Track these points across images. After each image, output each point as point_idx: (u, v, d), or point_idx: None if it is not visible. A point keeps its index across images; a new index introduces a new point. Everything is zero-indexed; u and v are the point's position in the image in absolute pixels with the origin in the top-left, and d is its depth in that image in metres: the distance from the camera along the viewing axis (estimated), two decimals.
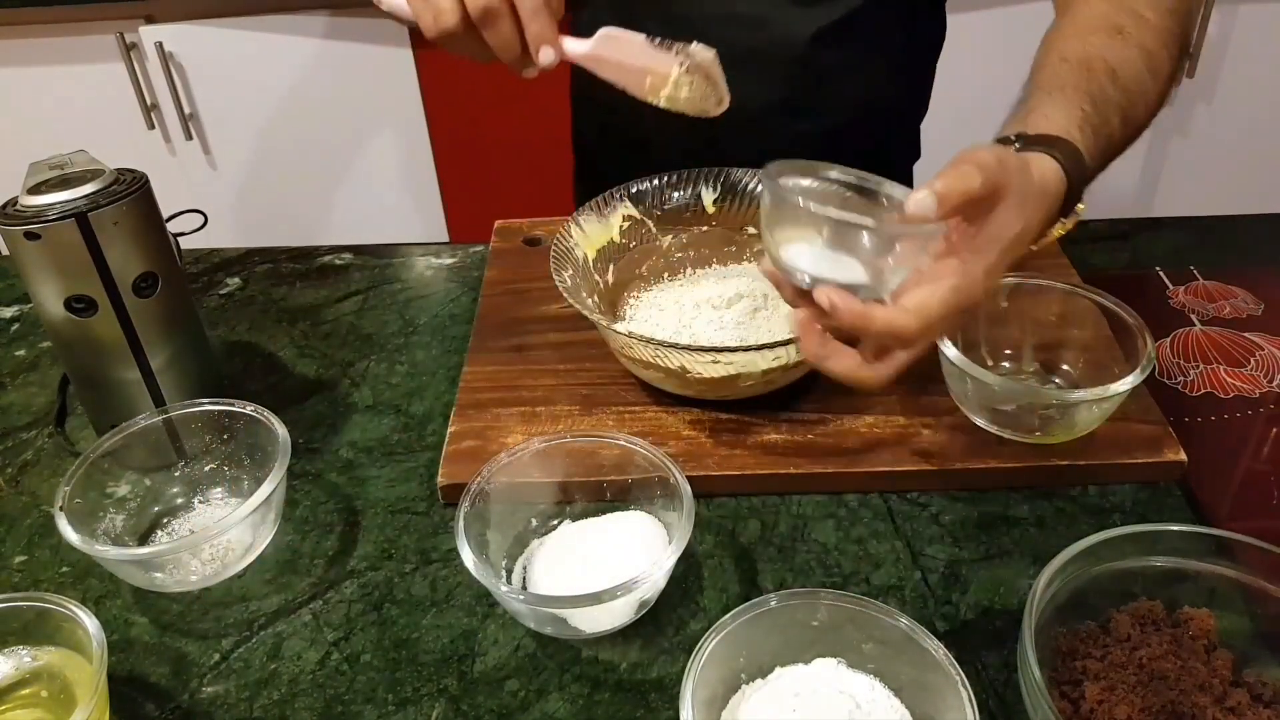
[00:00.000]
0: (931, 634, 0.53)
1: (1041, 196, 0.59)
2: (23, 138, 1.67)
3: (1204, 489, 0.69)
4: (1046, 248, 0.91)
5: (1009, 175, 0.56)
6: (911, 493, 0.70)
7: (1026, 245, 0.58)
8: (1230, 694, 0.53)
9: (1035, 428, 0.70)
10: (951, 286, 0.55)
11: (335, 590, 0.66)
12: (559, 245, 0.79)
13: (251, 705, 0.59)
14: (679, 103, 0.68)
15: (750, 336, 0.76)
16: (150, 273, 0.73)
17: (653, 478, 0.65)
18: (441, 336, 0.89)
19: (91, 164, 0.72)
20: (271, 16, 1.64)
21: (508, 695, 0.59)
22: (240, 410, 0.71)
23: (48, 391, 0.85)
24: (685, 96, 0.67)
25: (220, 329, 0.92)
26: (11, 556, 0.70)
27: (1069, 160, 0.61)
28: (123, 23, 1.63)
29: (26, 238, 0.68)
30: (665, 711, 0.57)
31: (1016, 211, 0.56)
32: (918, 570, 0.65)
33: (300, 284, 0.98)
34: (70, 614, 0.56)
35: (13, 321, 0.96)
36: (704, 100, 0.68)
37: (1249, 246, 0.95)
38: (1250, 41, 1.68)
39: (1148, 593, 0.58)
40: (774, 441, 0.72)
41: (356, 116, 1.77)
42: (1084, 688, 0.54)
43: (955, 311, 0.56)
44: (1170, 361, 0.80)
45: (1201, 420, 0.75)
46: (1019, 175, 0.57)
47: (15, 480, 0.77)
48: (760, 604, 0.55)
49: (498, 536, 0.65)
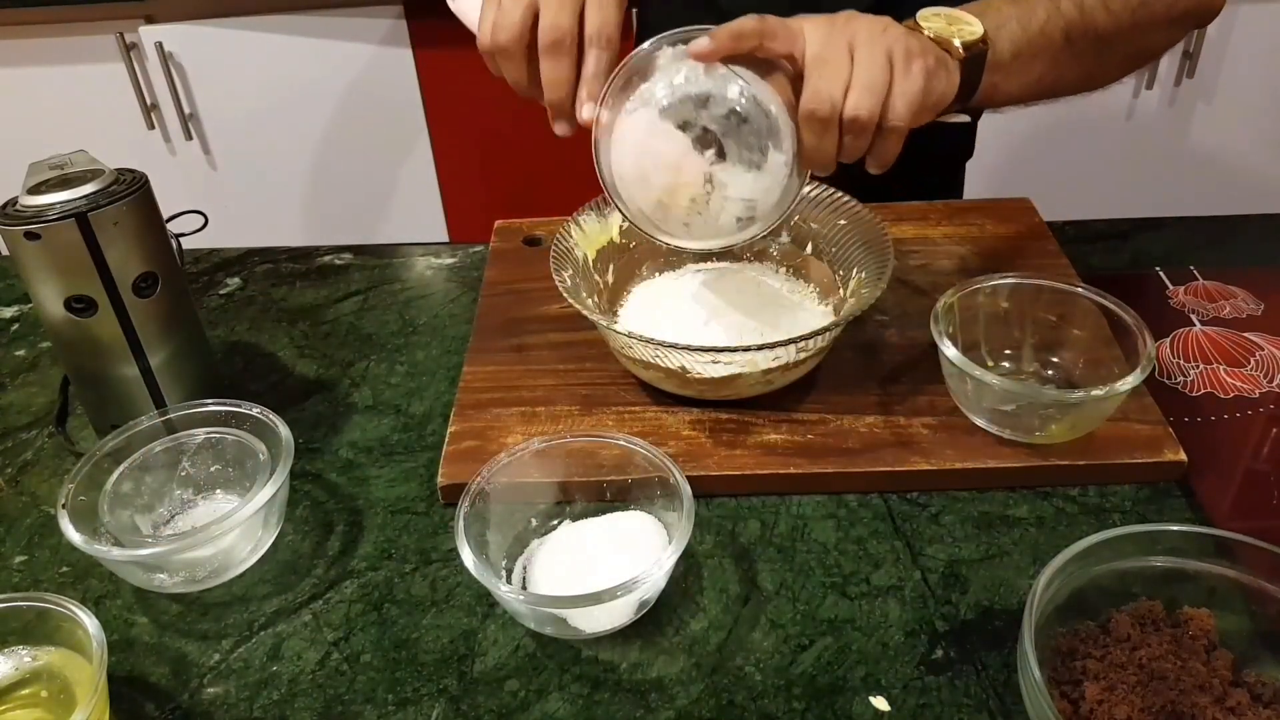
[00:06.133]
0: None
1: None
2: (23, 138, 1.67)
3: (1204, 489, 0.69)
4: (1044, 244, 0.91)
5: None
6: (911, 493, 0.70)
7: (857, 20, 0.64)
8: (1230, 694, 0.53)
9: (1035, 428, 0.70)
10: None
11: (335, 590, 0.66)
12: (559, 245, 0.79)
13: (251, 705, 0.59)
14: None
15: (750, 336, 0.76)
16: (150, 273, 0.73)
17: (653, 478, 0.65)
18: (441, 336, 0.89)
19: (91, 164, 0.72)
20: (271, 16, 1.65)
21: (508, 695, 0.59)
22: (243, 410, 0.71)
23: (48, 391, 0.85)
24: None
25: (220, 329, 0.92)
26: (11, 556, 0.70)
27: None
28: (123, 23, 1.63)
29: (26, 238, 0.68)
30: (665, 711, 0.57)
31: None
32: (918, 570, 0.65)
33: (300, 284, 0.99)
34: (70, 614, 0.56)
35: (13, 321, 0.96)
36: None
37: (1249, 246, 0.95)
38: (1250, 41, 1.68)
39: (1148, 593, 0.58)
40: (774, 441, 0.72)
41: (356, 116, 1.77)
42: (1084, 688, 0.54)
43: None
44: (1170, 361, 0.80)
45: (1201, 420, 0.75)
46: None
47: (15, 480, 0.77)
48: None
49: (498, 536, 0.65)
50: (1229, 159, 1.81)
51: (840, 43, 0.63)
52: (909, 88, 0.63)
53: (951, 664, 0.59)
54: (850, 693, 0.58)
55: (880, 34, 0.63)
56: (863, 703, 0.57)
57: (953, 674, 0.58)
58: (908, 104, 0.63)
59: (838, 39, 0.63)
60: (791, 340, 0.69)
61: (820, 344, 0.73)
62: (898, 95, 0.63)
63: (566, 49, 0.65)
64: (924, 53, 0.64)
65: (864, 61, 0.62)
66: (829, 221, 0.84)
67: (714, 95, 0.64)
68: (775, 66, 0.65)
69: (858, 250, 0.80)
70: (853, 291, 0.79)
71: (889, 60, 0.63)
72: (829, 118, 0.62)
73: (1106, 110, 1.75)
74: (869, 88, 0.62)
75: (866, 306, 0.72)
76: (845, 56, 0.62)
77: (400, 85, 1.73)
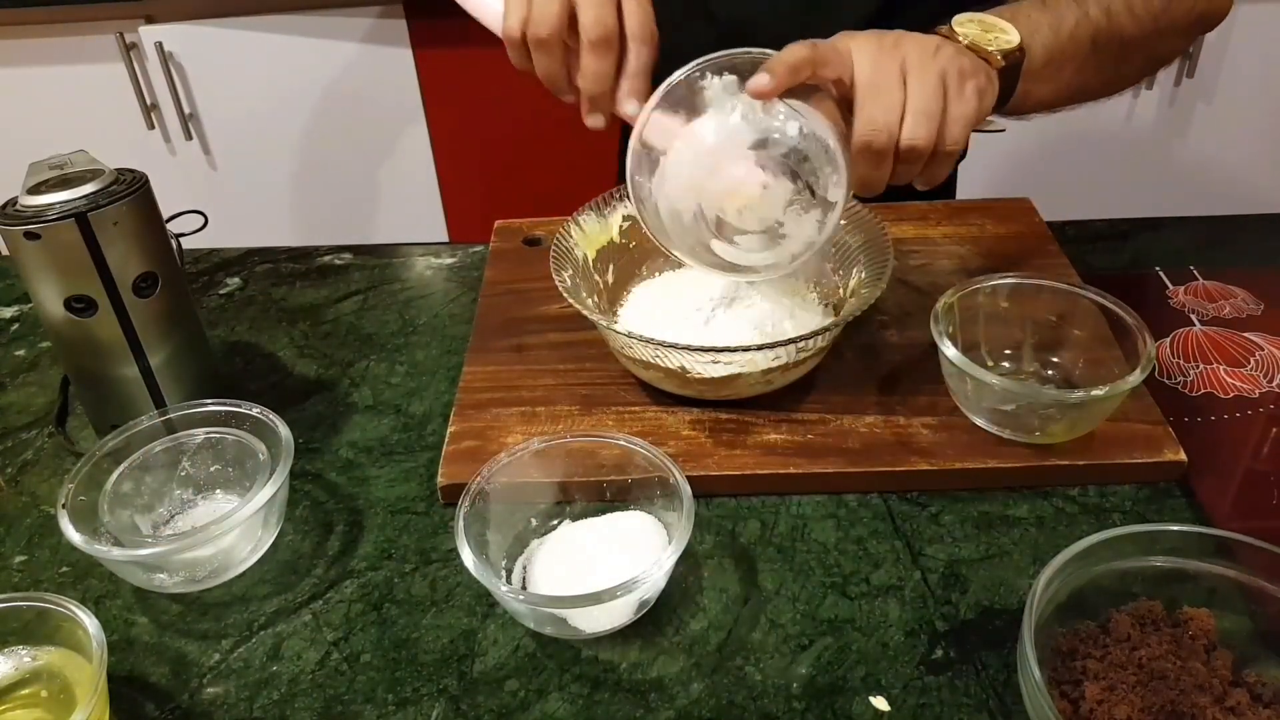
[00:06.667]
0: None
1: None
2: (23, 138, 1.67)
3: (1204, 489, 0.69)
4: (1044, 244, 0.91)
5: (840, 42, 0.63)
6: (911, 493, 0.70)
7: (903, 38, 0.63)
8: (1230, 694, 0.53)
9: (1035, 428, 0.70)
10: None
11: (335, 590, 0.66)
12: (559, 245, 0.79)
13: (251, 705, 0.59)
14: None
15: (750, 336, 0.76)
16: (150, 273, 0.73)
17: (653, 478, 0.65)
18: (441, 336, 0.89)
19: (91, 164, 0.72)
20: (271, 16, 1.65)
21: (508, 695, 0.59)
22: (243, 410, 0.71)
23: (48, 391, 0.85)
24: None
25: (220, 329, 0.92)
26: (11, 556, 0.70)
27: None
28: (123, 23, 1.63)
29: (26, 238, 0.68)
30: (665, 711, 0.57)
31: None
32: (918, 570, 0.65)
33: (300, 284, 0.98)
34: (70, 614, 0.56)
35: (13, 321, 0.96)
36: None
37: (1249, 246, 0.95)
38: (1250, 41, 1.68)
39: (1148, 593, 0.58)
40: (774, 441, 0.72)
41: (356, 116, 1.77)
42: (1084, 688, 0.54)
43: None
44: (1170, 361, 0.80)
45: (1201, 420, 0.75)
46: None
47: (15, 480, 0.77)
48: None
49: (498, 536, 0.65)
50: (1229, 159, 1.81)
51: (892, 68, 0.61)
52: (964, 110, 0.62)
53: (951, 664, 0.59)
54: (850, 693, 0.58)
55: (931, 56, 0.62)
56: (863, 703, 0.57)
57: (953, 674, 0.58)
58: (963, 127, 0.62)
59: (889, 64, 0.61)
60: (791, 340, 0.69)
61: (820, 344, 0.73)
62: (953, 120, 0.62)
63: (613, 44, 0.66)
64: (975, 72, 0.64)
65: (917, 87, 0.61)
66: None
67: (774, 136, 0.64)
68: (824, 93, 0.64)
69: (858, 250, 0.80)
70: (853, 291, 0.79)
71: (942, 83, 0.61)
72: (885, 148, 0.61)
73: (1106, 111, 1.75)
74: (925, 114, 0.61)
75: (866, 306, 0.72)
76: (898, 82, 0.61)
77: (400, 85, 1.73)
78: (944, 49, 0.63)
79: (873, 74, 0.61)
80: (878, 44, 0.63)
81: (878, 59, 0.62)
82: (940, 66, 0.62)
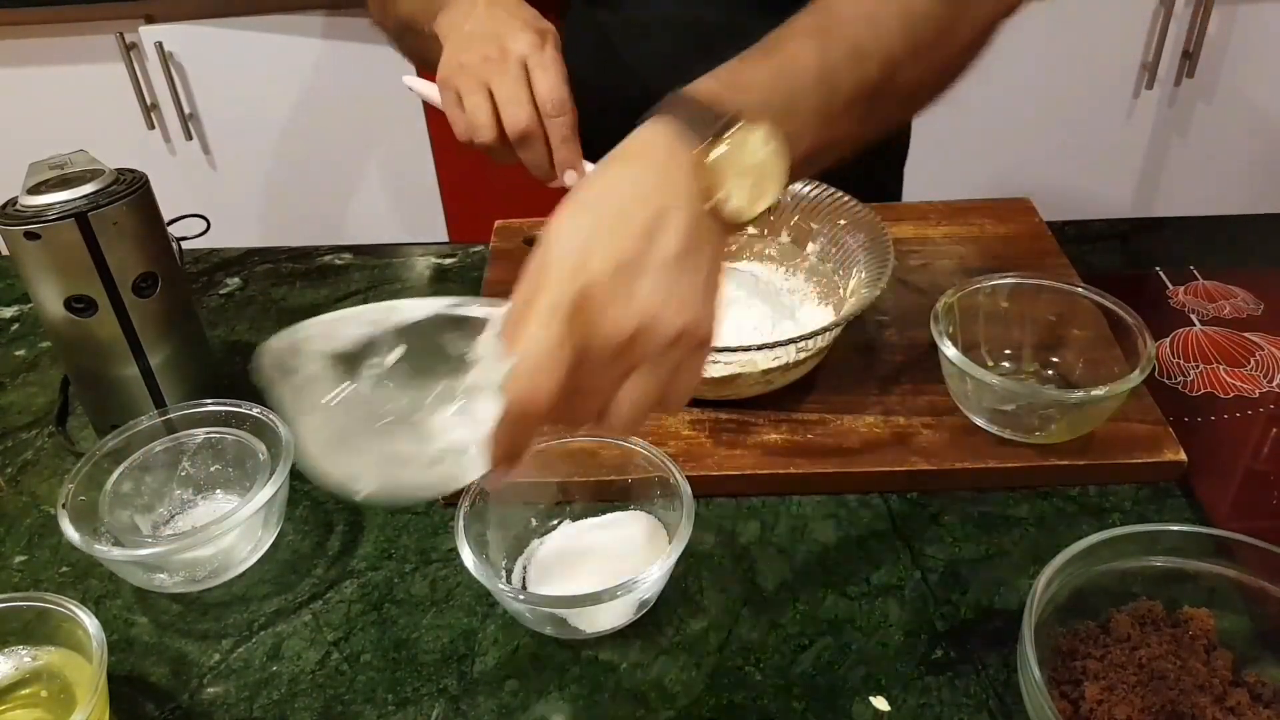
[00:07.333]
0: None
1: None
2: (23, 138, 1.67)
3: (1204, 489, 0.69)
4: (1044, 244, 0.91)
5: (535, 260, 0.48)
6: (911, 493, 0.70)
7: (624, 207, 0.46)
8: (1230, 694, 0.53)
9: (1035, 428, 0.70)
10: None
11: (335, 590, 0.66)
12: None
13: (251, 705, 0.59)
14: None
15: (750, 336, 0.76)
16: (150, 273, 0.73)
17: (653, 478, 0.65)
18: None
19: (91, 164, 0.72)
20: (271, 16, 1.64)
21: (508, 695, 0.59)
22: (243, 410, 0.71)
23: (48, 391, 0.85)
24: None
25: (220, 329, 0.92)
26: (11, 556, 0.70)
27: (681, 110, 0.49)
28: (123, 23, 1.63)
29: (26, 238, 0.68)
30: (665, 711, 0.57)
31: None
32: (918, 570, 0.65)
33: (300, 284, 0.98)
34: (70, 614, 0.56)
35: (13, 321, 0.96)
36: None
37: (1249, 246, 0.95)
38: (1250, 41, 1.68)
39: (1148, 593, 0.58)
40: (774, 441, 0.72)
41: (356, 116, 1.77)
42: (1084, 688, 0.54)
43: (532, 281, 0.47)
44: (1170, 361, 0.80)
45: (1201, 420, 0.75)
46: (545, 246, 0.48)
47: (15, 480, 0.77)
48: None
49: (498, 536, 0.65)
50: (1229, 159, 1.81)
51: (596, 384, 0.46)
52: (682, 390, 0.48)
53: (951, 664, 0.59)
54: (850, 693, 0.58)
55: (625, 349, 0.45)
56: (863, 703, 0.57)
57: (953, 674, 0.58)
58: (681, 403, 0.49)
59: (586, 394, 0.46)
60: (791, 340, 0.69)
61: (820, 344, 0.73)
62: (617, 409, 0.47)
63: (534, 134, 0.70)
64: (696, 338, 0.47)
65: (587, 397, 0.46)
66: (829, 221, 0.84)
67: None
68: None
69: (858, 250, 0.80)
70: (853, 291, 0.79)
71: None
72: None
73: (1106, 110, 1.75)
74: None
75: (866, 306, 0.72)
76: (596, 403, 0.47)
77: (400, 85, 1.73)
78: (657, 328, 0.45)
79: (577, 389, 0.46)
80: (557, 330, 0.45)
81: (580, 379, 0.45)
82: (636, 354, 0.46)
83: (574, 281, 0.44)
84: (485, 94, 0.71)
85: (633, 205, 0.46)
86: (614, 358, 0.45)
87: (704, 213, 0.47)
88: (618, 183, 0.47)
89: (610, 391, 0.46)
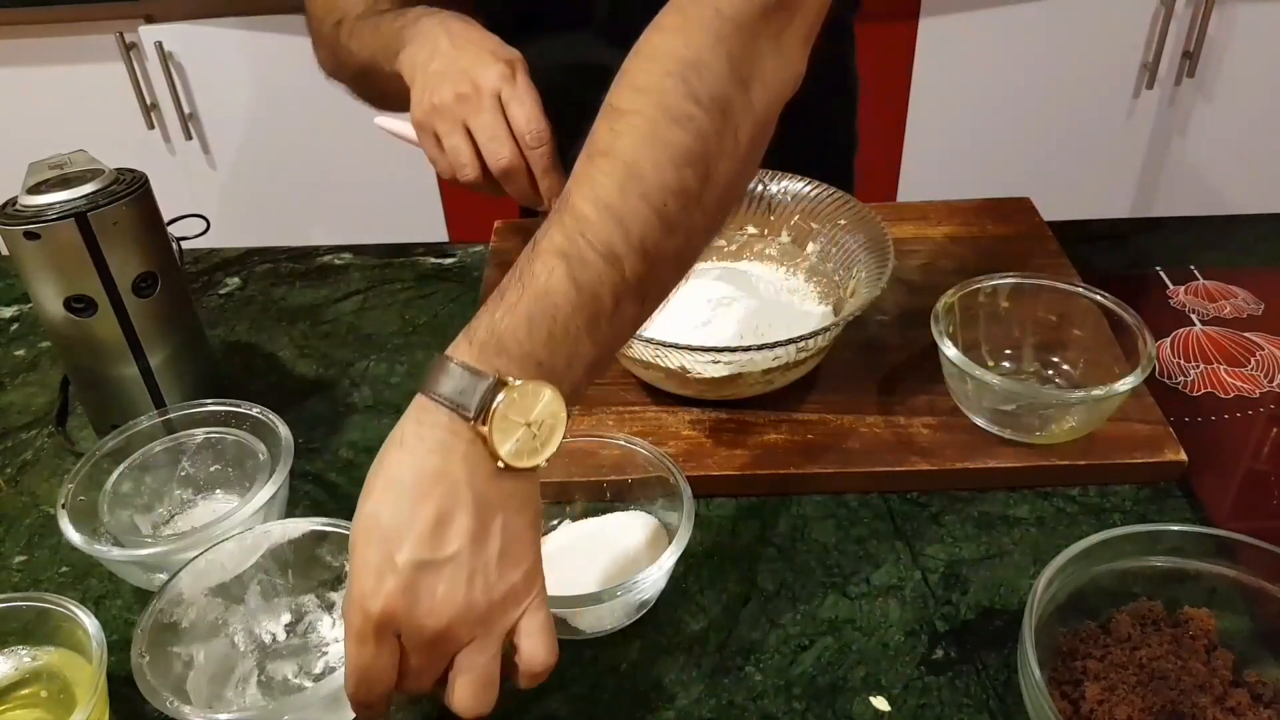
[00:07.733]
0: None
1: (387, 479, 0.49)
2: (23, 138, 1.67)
3: (1204, 489, 0.69)
4: (1044, 244, 0.91)
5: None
6: (911, 493, 0.70)
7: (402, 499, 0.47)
8: (1230, 694, 0.53)
9: (1035, 428, 0.70)
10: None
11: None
12: None
13: None
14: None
15: (750, 336, 0.76)
16: (150, 273, 0.73)
17: (653, 478, 0.65)
18: (441, 336, 0.89)
19: (91, 164, 0.72)
20: (271, 17, 1.64)
21: (507, 695, 0.59)
22: (243, 410, 0.71)
23: (48, 391, 0.85)
24: None
25: (220, 329, 0.92)
26: (11, 556, 0.70)
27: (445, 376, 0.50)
28: (122, 23, 1.63)
29: (26, 238, 0.68)
30: (665, 711, 0.57)
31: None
32: (918, 570, 0.65)
33: (300, 284, 0.98)
34: (70, 614, 0.56)
35: (13, 321, 0.96)
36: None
37: (1249, 246, 0.95)
38: (1250, 41, 1.68)
39: (1148, 593, 0.58)
40: (774, 441, 0.72)
41: (356, 116, 1.76)
42: (1084, 688, 0.54)
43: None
44: (1170, 361, 0.80)
45: (1201, 420, 0.75)
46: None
47: (15, 480, 0.77)
48: None
49: None
50: (1229, 159, 1.81)
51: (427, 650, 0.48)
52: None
53: (951, 664, 0.59)
54: (850, 693, 0.58)
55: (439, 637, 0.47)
56: (863, 703, 0.57)
57: (953, 674, 0.58)
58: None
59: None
60: (791, 340, 0.69)
61: (820, 344, 0.73)
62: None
63: (519, 169, 0.71)
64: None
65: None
66: (829, 221, 0.84)
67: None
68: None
69: (858, 250, 0.80)
70: (853, 291, 0.79)
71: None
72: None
73: (1106, 110, 1.75)
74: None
75: (866, 306, 0.72)
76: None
77: None
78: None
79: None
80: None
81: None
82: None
83: (376, 597, 0.46)
84: (464, 133, 0.71)
85: (419, 504, 0.46)
86: (432, 649, 0.47)
87: (494, 476, 0.48)
88: (401, 476, 0.48)
89: (444, 666, 0.49)
